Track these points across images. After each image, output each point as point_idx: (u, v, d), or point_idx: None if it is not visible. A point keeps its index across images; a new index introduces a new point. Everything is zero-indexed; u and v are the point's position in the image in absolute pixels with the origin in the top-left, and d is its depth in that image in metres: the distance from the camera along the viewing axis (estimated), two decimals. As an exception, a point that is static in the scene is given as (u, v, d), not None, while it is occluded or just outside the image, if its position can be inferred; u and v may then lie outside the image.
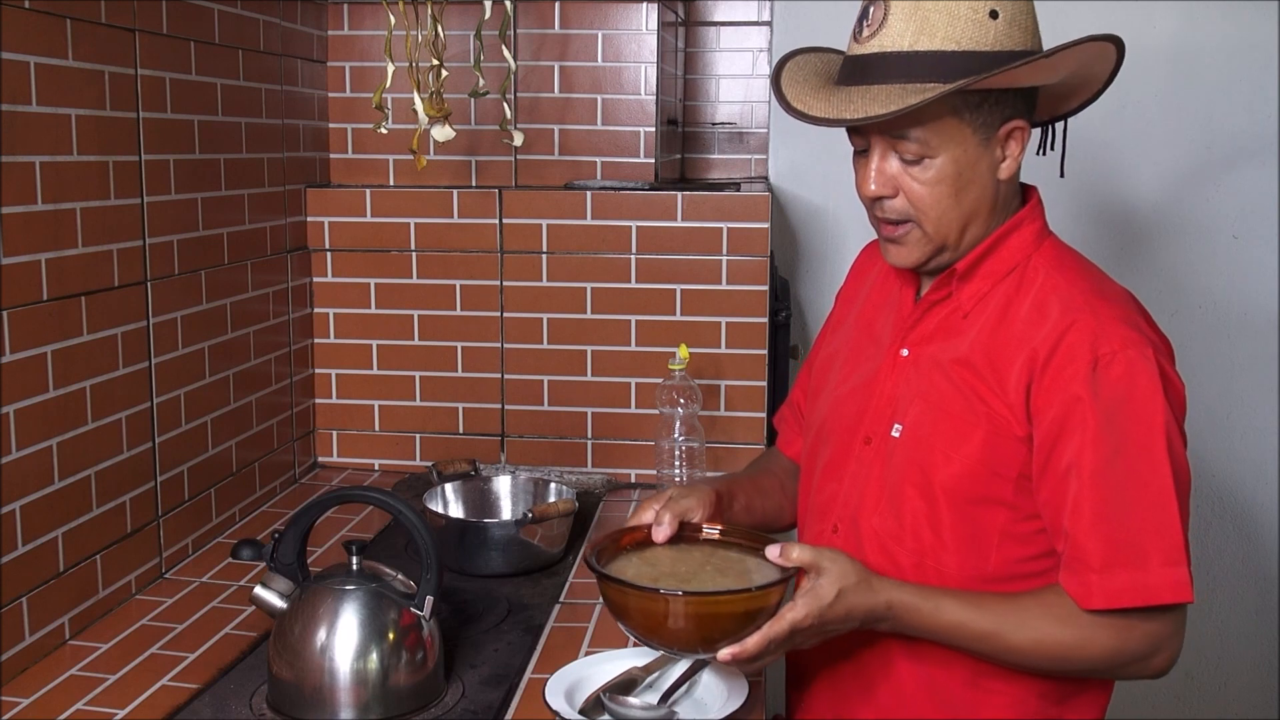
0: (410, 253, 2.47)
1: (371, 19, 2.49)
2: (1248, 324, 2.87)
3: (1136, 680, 1.43)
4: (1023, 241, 1.50)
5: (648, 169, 2.51)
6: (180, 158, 1.95)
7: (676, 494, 1.57)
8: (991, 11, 1.39)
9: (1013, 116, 1.44)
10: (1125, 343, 1.38)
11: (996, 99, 1.42)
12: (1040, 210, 1.54)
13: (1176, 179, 2.84)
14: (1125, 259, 2.86)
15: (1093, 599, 1.36)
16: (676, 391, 2.24)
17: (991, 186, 1.46)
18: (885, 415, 1.54)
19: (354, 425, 2.54)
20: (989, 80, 1.37)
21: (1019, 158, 1.46)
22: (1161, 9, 2.77)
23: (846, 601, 1.35)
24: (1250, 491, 2.93)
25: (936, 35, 1.38)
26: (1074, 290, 1.44)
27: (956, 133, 1.42)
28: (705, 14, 2.99)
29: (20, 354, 1.56)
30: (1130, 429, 1.36)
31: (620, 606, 1.38)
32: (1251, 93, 2.77)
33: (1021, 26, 1.41)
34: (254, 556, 1.99)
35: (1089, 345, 1.38)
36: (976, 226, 1.48)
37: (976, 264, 1.49)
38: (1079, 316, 1.40)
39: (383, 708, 1.44)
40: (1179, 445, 1.39)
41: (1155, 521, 1.35)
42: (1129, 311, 1.44)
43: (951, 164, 1.43)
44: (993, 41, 1.39)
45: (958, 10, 1.39)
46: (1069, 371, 1.38)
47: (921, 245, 1.49)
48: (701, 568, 1.45)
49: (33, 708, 1.49)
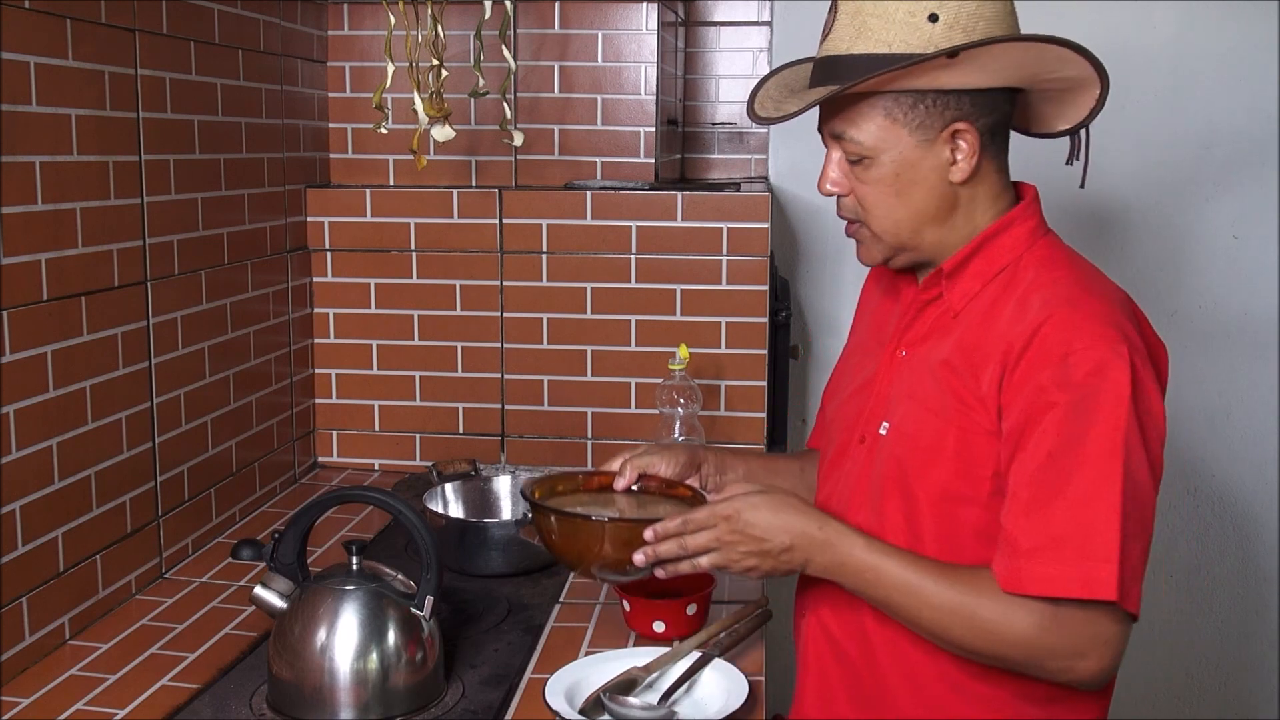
0: (410, 253, 2.47)
1: (371, 19, 2.49)
2: (1248, 324, 2.87)
3: (1068, 686, 1.38)
4: (1014, 241, 1.49)
5: (648, 169, 2.51)
6: (180, 158, 1.95)
7: (647, 450, 1.67)
8: (931, 15, 1.39)
9: (956, 119, 1.43)
10: (1099, 340, 1.36)
11: (933, 100, 1.42)
12: (1034, 209, 1.52)
13: (1176, 179, 2.84)
14: (1125, 259, 2.86)
15: (1012, 582, 1.34)
16: (676, 391, 2.24)
17: (941, 188, 1.46)
18: (878, 415, 1.55)
19: (354, 425, 2.54)
20: (867, 83, 1.40)
21: (971, 160, 1.44)
22: (1161, 9, 2.77)
23: (776, 511, 1.43)
24: (1250, 491, 2.93)
25: (872, 38, 1.41)
26: (1058, 287, 1.43)
27: (890, 134, 1.44)
28: (705, 14, 2.99)
29: (20, 354, 1.56)
30: (1088, 426, 1.33)
31: (539, 527, 1.56)
32: (1251, 93, 2.77)
33: (965, 29, 1.39)
34: (254, 556, 1.99)
35: (1062, 340, 1.36)
36: (937, 227, 1.49)
37: (964, 263, 1.49)
38: (1056, 311, 1.39)
39: (383, 708, 1.44)
40: (1139, 451, 1.34)
41: (1090, 519, 1.32)
42: (1113, 310, 1.41)
43: (889, 165, 1.45)
44: (926, 44, 1.39)
45: (895, 13, 1.40)
46: (1039, 365, 1.37)
47: (874, 244, 1.52)
48: (629, 509, 1.58)
49: (33, 708, 1.49)
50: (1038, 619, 1.33)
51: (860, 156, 1.46)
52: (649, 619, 1.66)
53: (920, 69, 1.39)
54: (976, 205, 1.49)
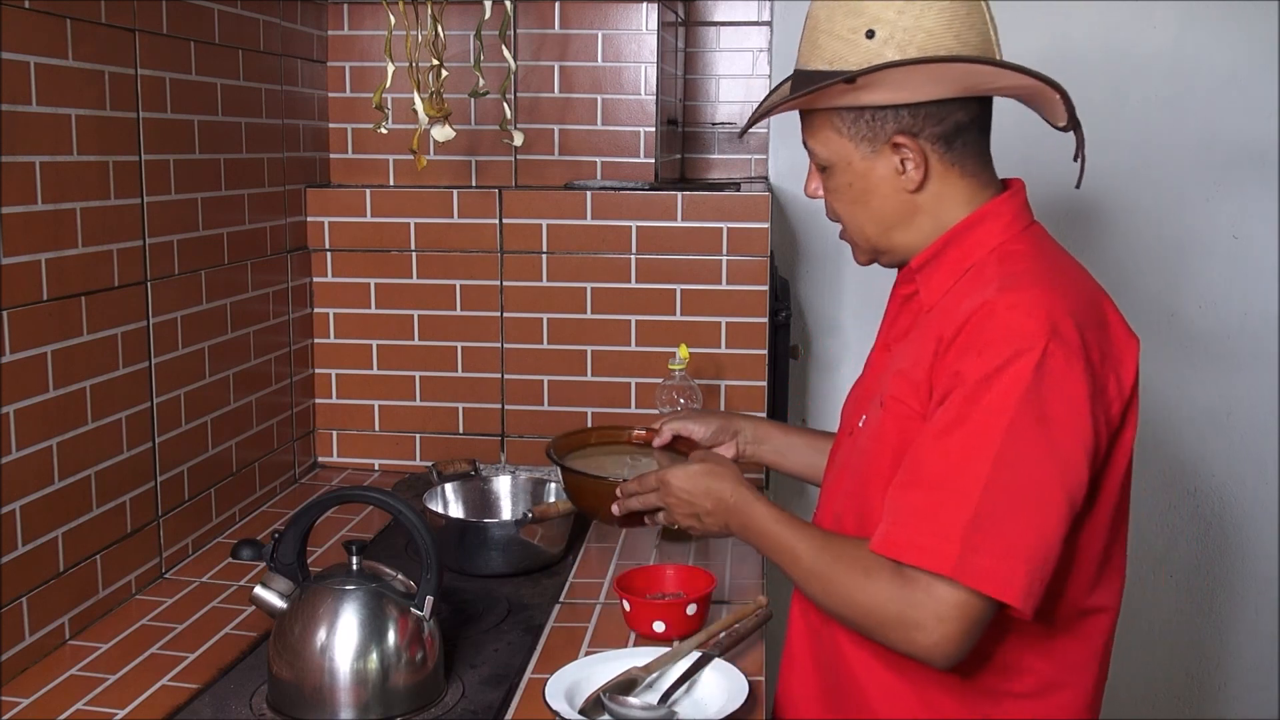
0: (410, 253, 2.47)
1: (371, 19, 2.49)
2: (1248, 324, 2.87)
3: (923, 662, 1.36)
4: (985, 235, 1.49)
5: (648, 169, 2.51)
6: (180, 158, 1.95)
7: (687, 414, 1.89)
8: (869, 31, 1.43)
9: (897, 132, 1.46)
10: (1016, 331, 1.35)
11: (872, 115, 1.46)
12: (1011, 205, 1.51)
13: (1176, 179, 2.84)
14: (1125, 259, 2.86)
15: (874, 545, 1.37)
16: (676, 391, 2.24)
17: (897, 196, 1.49)
18: (861, 409, 1.58)
19: (354, 425, 2.54)
20: (792, 104, 1.48)
21: (919, 169, 1.46)
22: (1161, 9, 2.77)
23: (701, 478, 1.60)
24: (1250, 491, 2.93)
25: (820, 55, 1.47)
26: (1005, 279, 1.42)
27: (839, 146, 1.49)
28: (705, 14, 2.99)
29: (20, 354, 1.56)
30: (972, 410, 1.34)
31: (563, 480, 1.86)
32: (1252, 93, 2.77)
33: (898, 45, 1.42)
34: (254, 556, 1.99)
35: (983, 328, 1.37)
36: (904, 231, 1.51)
37: (933, 260, 1.50)
38: (988, 300, 1.38)
39: (383, 708, 1.44)
40: (1031, 441, 1.32)
41: (946, 497, 1.32)
42: (1052, 302, 1.38)
43: (844, 175, 1.51)
44: (860, 59, 1.43)
45: (840, 29, 1.45)
46: (960, 351, 1.38)
47: (855, 248, 1.59)
48: (661, 464, 1.78)
49: (33, 708, 1.49)
50: (883, 586, 1.35)
51: (822, 166, 1.53)
52: (649, 619, 1.66)
53: (831, 92, 1.44)
54: (943, 207, 1.50)
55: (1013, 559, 1.29)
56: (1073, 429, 1.34)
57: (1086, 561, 1.43)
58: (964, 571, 1.29)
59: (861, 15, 1.43)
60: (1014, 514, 1.31)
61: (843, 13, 1.44)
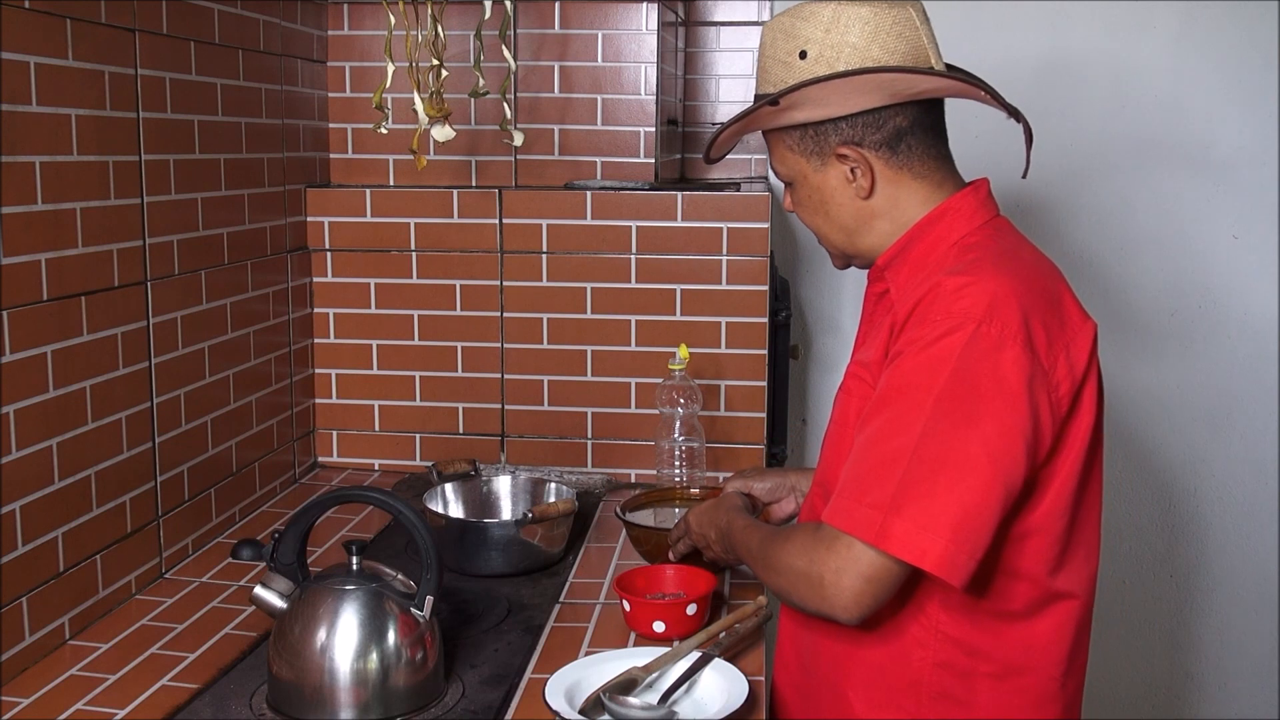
0: (410, 253, 2.47)
1: (371, 19, 2.49)
2: (1248, 324, 2.87)
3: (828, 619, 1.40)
4: (947, 230, 1.51)
5: (648, 169, 2.51)
6: (180, 158, 1.95)
7: (750, 472, 1.95)
8: (801, 53, 1.50)
9: (839, 143, 1.51)
10: (953, 311, 1.38)
11: (813, 131, 1.53)
12: (971, 200, 1.53)
13: (1176, 179, 2.84)
14: (1125, 259, 2.86)
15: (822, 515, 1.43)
16: (676, 391, 2.24)
17: (853, 203, 1.55)
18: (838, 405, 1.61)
19: (354, 425, 2.54)
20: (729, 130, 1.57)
21: (866, 175, 1.51)
22: (1161, 9, 2.77)
23: (708, 513, 1.75)
24: (1250, 491, 2.93)
25: (767, 79, 1.54)
26: (956, 263, 1.45)
27: (794, 162, 1.56)
28: (705, 14, 2.99)
29: (20, 354, 1.56)
30: (906, 383, 1.38)
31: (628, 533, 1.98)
32: (1252, 93, 2.77)
33: (827, 63, 1.47)
34: (254, 556, 1.99)
35: (928, 310, 1.40)
36: (867, 235, 1.56)
37: (897, 256, 1.54)
38: (936, 284, 1.42)
39: (383, 708, 1.44)
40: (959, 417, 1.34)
41: (875, 467, 1.36)
42: (999, 286, 1.39)
43: (803, 188, 1.58)
44: (793, 79, 1.49)
45: (778, 53, 1.52)
46: (906, 332, 1.42)
47: (830, 254, 1.65)
48: None
49: (33, 708, 1.49)
50: (795, 545, 1.43)
51: (787, 182, 1.60)
52: (649, 619, 1.66)
53: (762, 115, 1.52)
54: (899, 208, 1.54)
55: (934, 527, 1.33)
56: (1004, 407, 1.36)
57: (1046, 543, 1.45)
58: (884, 537, 1.34)
59: (795, 38, 1.50)
60: (937, 483, 1.34)
61: (782, 37, 1.52)
